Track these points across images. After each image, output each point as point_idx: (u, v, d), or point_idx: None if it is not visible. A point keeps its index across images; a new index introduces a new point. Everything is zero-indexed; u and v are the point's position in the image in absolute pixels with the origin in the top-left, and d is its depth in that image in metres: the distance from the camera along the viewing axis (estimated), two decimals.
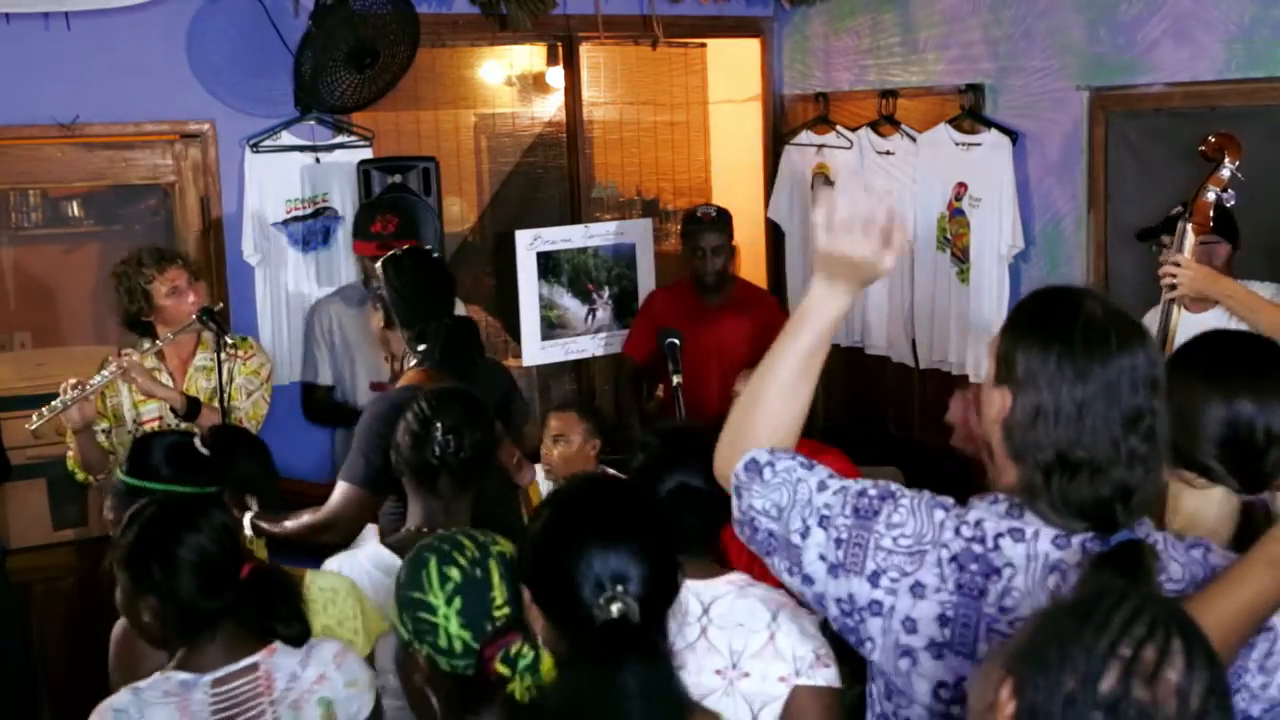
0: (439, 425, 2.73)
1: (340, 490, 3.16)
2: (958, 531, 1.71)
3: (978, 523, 1.71)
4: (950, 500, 1.80)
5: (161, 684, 2.16)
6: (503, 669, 1.78)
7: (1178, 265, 3.30)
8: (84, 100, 4.46)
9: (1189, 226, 3.32)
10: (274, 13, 4.67)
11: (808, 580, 1.79)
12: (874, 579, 1.74)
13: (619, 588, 1.67)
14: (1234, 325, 3.42)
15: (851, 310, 5.70)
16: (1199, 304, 3.51)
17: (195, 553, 2.20)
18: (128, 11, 4.47)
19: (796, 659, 2.20)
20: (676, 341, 3.80)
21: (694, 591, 2.26)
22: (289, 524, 3.14)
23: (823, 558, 1.77)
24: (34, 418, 3.84)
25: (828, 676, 2.21)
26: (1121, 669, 1.25)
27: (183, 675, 2.16)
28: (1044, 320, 1.73)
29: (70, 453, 3.96)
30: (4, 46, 4.36)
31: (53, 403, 3.80)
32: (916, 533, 1.73)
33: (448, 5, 5.06)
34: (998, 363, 1.74)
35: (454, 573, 1.87)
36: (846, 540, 1.76)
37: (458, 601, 1.84)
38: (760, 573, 2.23)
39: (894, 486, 1.80)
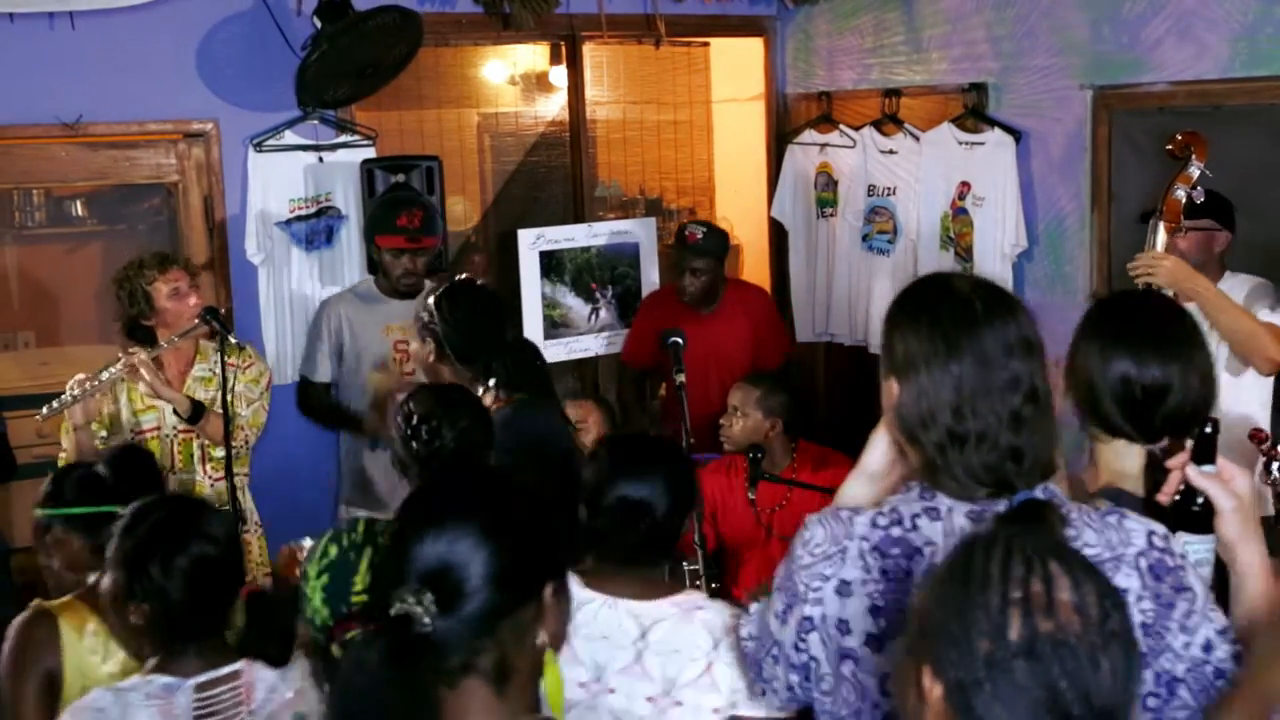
0: (416, 417, 2.73)
1: None
2: (874, 523, 1.75)
3: (892, 509, 1.75)
4: (852, 506, 1.84)
5: (144, 686, 2.14)
6: (337, 652, 1.80)
7: (1153, 260, 3.36)
8: (88, 100, 4.47)
9: (1160, 224, 3.38)
10: (277, 12, 4.68)
11: (780, 647, 1.85)
12: (804, 596, 1.78)
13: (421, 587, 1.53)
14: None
15: (853, 310, 5.73)
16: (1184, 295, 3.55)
17: (195, 562, 2.19)
18: (131, 11, 4.48)
19: (733, 690, 2.16)
20: (680, 341, 3.80)
21: (633, 613, 2.22)
22: None
23: (776, 615, 1.84)
24: (44, 409, 3.85)
25: (769, 705, 2.17)
26: (1021, 612, 1.29)
27: (166, 679, 2.14)
28: (913, 305, 1.79)
29: (63, 455, 3.95)
30: (8, 46, 4.37)
31: (62, 396, 3.81)
32: (830, 536, 1.77)
33: (451, 4, 5.07)
34: (882, 354, 1.80)
35: (332, 550, 1.89)
36: (781, 583, 1.84)
37: (325, 578, 1.87)
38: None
39: (807, 516, 1.84)
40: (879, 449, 1.88)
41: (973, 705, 1.30)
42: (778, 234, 5.88)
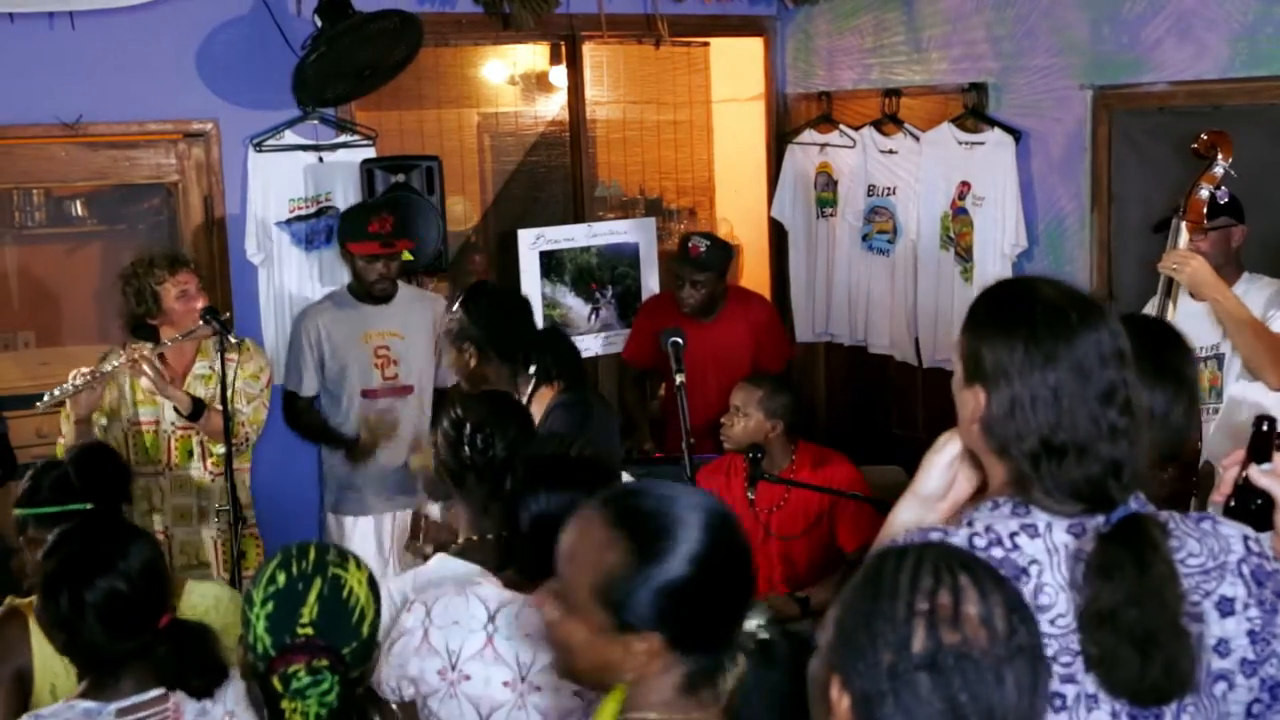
0: (469, 425, 2.71)
1: None
2: (971, 543, 1.66)
3: (988, 529, 1.66)
4: (939, 526, 1.76)
5: (64, 712, 2.11)
6: (277, 685, 1.86)
7: (1181, 257, 3.33)
8: (88, 100, 4.47)
9: (1183, 224, 3.36)
10: (277, 12, 4.67)
11: None
12: None
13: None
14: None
15: (854, 310, 5.73)
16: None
17: (104, 596, 2.14)
18: (131, 11, 4.48)
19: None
20: (680, 341, 3.79)
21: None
22: None
23: None
24: (45, 396, 3.85)
25: None
26: (926, 624, 1.28)
27: (87, 704, 2.11)
28: (1002, 312, 1.72)
29: (62, 440, 3.96)
30: (8, 46, 4.37)
31: (64, 385, 3.81)
32: None
33: (451, 4, 5.06)
34: (964, 363, 1.72)
35: (280, 578, 1.93)
36: None
37: (270, 605, 1.91)
38: None
39: (884, 542, 1.75)
40: (937, 470, 1.81)
41: (876, 717, 1.29)
42: (778, 234, 5.88)
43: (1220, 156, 3.33)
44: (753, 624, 1.92)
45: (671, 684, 1.62)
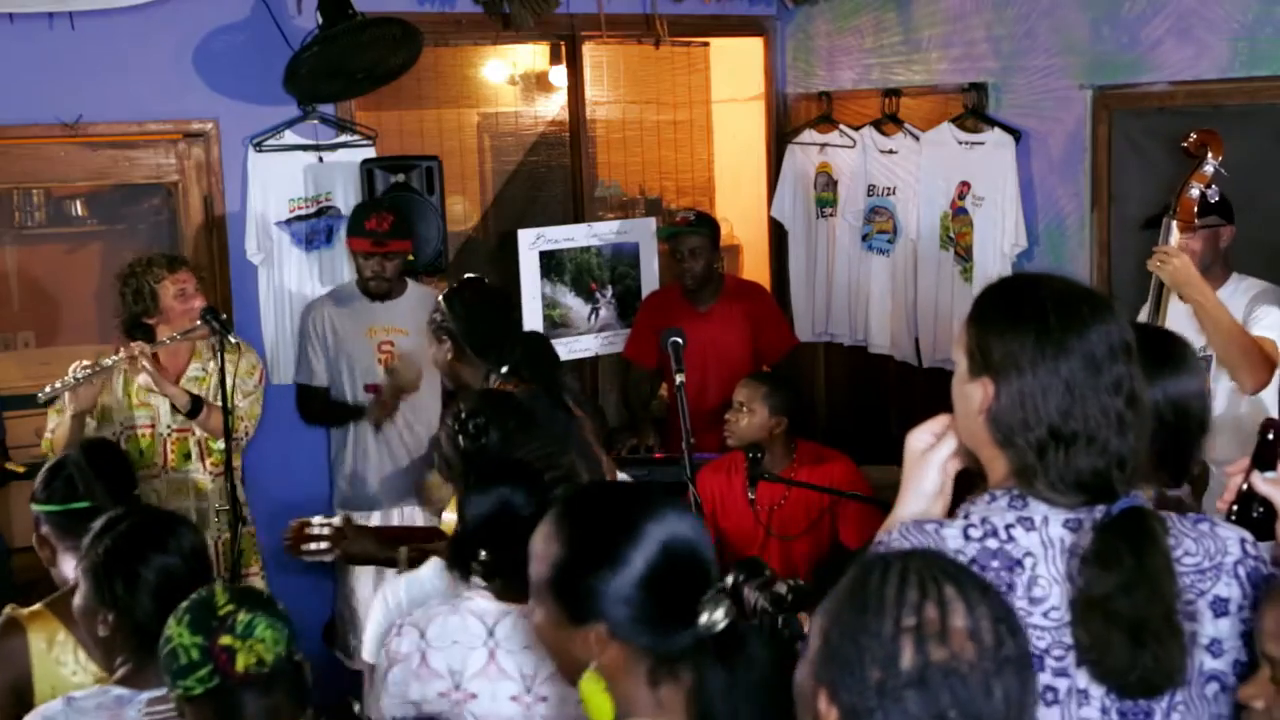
0: (466, 414, 2.73)
1: None
2: (966, 535, 1.67)
3: (984, 520, 1.68)
4: (935, 518, 1.77)
5: (98, 696, 2.13)
6: (225, 639, 1.89)
7: (1166, 253, 3.34)
8: (87, 99, 4.47)
9: (1174, 223, 3.37)
10: (277, 12, 4.67)
11: None
12: None
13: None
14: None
15: (854, 310, 5.73)
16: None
17: (159, 574, 2.19)
18: (131, 11, 4.48)
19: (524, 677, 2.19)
20: (680, 340, 3.80)
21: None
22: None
23: None
24: (45, 389, 3.85)
25: None
26: (914, 640, 1.28)
27: (120, 690, 2.14)
28: (1012, 305, 1.72)
29: (49, 435, 3.95)
30: (8, 46, 4.37)
31: (65, 378, 3.81)
32: None
33: (450, 4, 5.06)
34: (970, 356, 1.72)
35: (183, 603, 1.98)
36: None
37: (186, 618, 1.95)
38: None
39: (879, 536, 1.77)
40: (933, 467, 1.81)
41: None
42: (778, 234, 5.88)
43: (1210, 155, 3.34)
44: (783, 588, 1.94)
45: (642, 681, 1.65)
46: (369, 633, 2.67)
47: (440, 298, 3.50)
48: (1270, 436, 1.88)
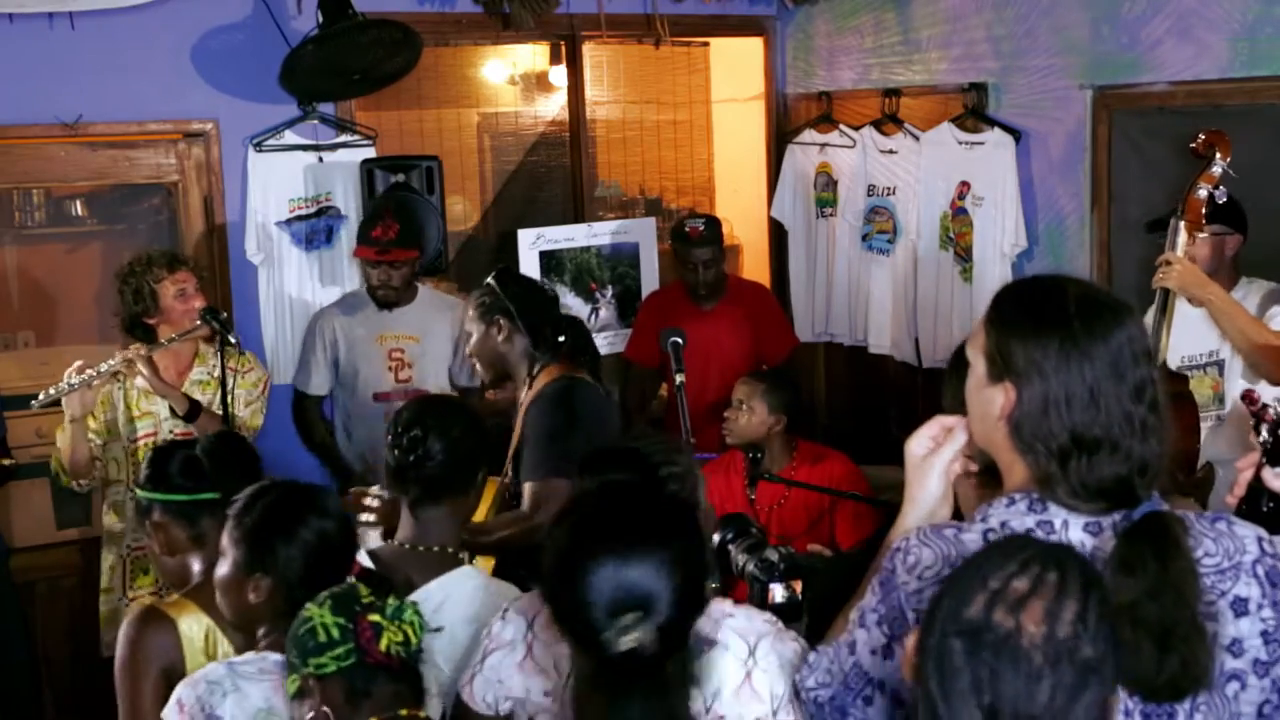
0: (402, 427, 2.66)
1: (533, 489, 3.22)
2: (985, 539, 1.66)
3: (1002, 525, 1.66)
4: (953, 522, 1.76)
5: (258, 662, 2.18)
6: (373, 617, 1.96)
7: (1167, 261, 3.33)
8: (87, 99, 4.46)
9: (1181, 224, 3.36)
10: (277, 13, 4.67)
11: (880, 687, 1.75)
12: (916, 623, 1.67)
13: (634, 614, 1.63)
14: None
15: (854, 310, 5.72)
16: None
17: (317, 535, 2.27)
18: (131, 11, 4.48)
19: (774, 698, 2.01)
20: (680, 341, 3.80)
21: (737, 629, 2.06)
22: (501, 533, 3.18)
23: (873, 652, 1.75)
24: (40, 395, 3.85)
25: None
26: (988, 599, 1.30)
27: (278, 656, 2.16)
28: (1033, 308, 1.71)
29: (58, 448, 3.95)
30: (8, 46, 4.37)
31: (59, 384, 3.81)
32: (940, 556, 1.68)
33: (450, 4, 5.06)
34: (989, 360, 1.71)
35: (322, 594, 2.05)
36: (883, 615, 1.73)
37: (329, 602, 2.01)
38: None
39: (896, 542, 1.76)
40: (935, 472, 1.81)
41: (921, 667, 1.32)
42: (778, 234, 5.88)
43: (1219, 156, 3.33)
44: (774, 555, 1.93)
45: None
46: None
47: (490, 280, 3.49)
48: (1279, 432, 1.88)
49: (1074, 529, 1.65)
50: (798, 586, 2.44)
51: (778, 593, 2.41)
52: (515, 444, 3.36)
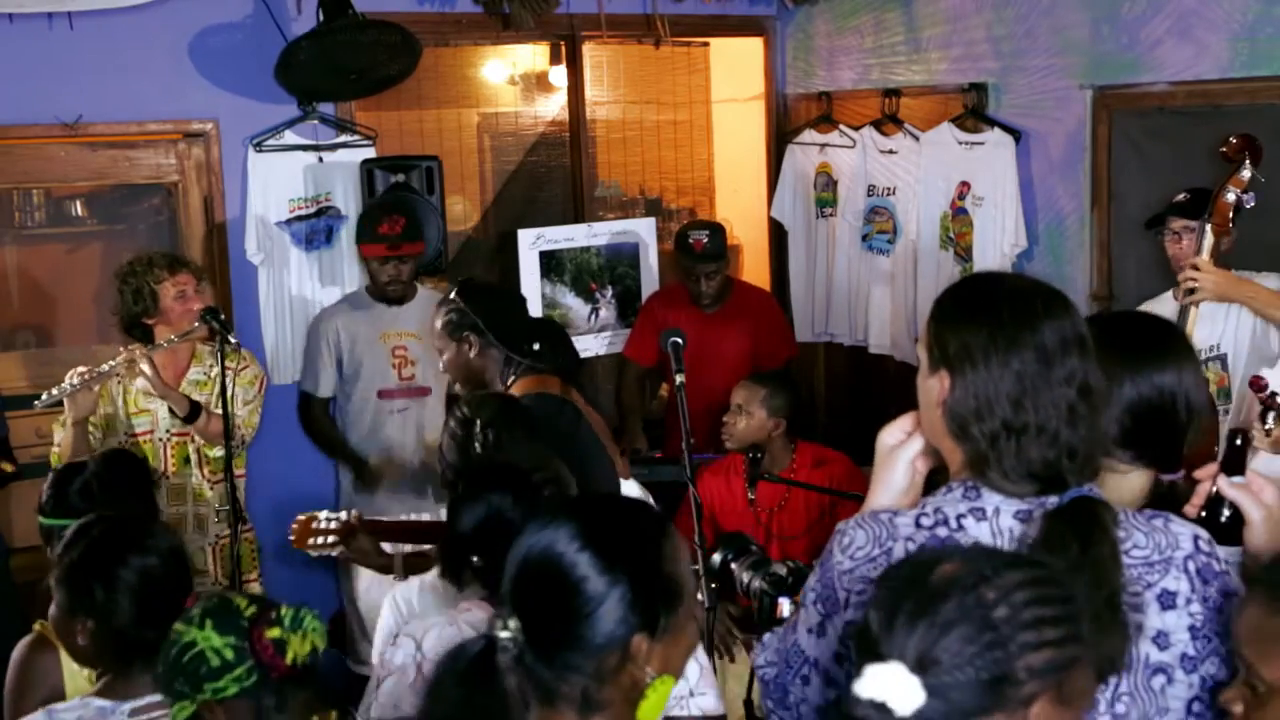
0: (479, 423, 2.67)
1: None
2: (918, 523, 1.72)
3: (936, 510, 1.72)
4: (890, 507, 1.81)
5: (78, 708, 2.10)
6: (273, 632, 1.86)
7: (1197, 269, 3.32)
8: (87, 100, 4.46)
9: (1208, 227, 3.36)
10: (277, 13, 4.67)
11: (815, 665, 1.80)
12: (847, 602, 1.75)
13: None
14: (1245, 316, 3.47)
15: (853, 310, 5.72)
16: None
17: (139, 575, 2.15)
18: (131, 11, 4.48)
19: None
20: (680, 341, 3.80)
21: None
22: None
23: (809, 630, 1.81)
24: (42, 396, 3.85)
25: (704, 705, 2.16)
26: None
27: (100, 702, 2.10)
28: (968, 301, 1.76)
29: (56, 449, 3.95)
30: (7, 46, 4.37)
31: (61, 385, 3.81)
32: (872, 538, 1.74)
33: (450, 4, 5.06)
34: (929, 351, 1.76)
35: (194, 611, 1.92)
36: (819, 594, 1.80)
37: (208, 622, 1.89)
38: None
39: (839, 524, 1.81)
40: (902, 463, 1.85)
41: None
42: (777, 234, 5.88)
43: (1249, 160, 3.34)
44: (782, 569, 1.94)
45: None
46: (378, 638, 2.62)
47: (451, 296, 3.36)
48: (1238, 442, 1.90)
49: (1005, 515, 1.69)
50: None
51: (786, 606, 2.44)
52: None
